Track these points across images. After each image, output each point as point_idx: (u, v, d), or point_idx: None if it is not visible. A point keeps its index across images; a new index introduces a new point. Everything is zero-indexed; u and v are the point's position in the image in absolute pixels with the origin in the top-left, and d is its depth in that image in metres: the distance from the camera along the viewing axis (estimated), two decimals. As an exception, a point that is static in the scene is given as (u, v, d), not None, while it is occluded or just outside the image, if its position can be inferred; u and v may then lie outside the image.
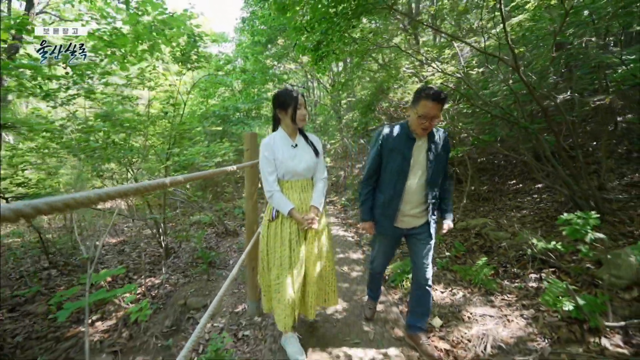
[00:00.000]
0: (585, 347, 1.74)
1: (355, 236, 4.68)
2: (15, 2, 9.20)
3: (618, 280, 2.20)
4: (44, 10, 7.84)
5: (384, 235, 1.95)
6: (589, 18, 2.94)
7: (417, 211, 1.83)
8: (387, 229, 1.90)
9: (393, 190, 1.81)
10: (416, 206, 1.82)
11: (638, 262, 2.17)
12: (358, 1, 2.90)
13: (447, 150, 1.84)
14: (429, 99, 1.59)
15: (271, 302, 1.89)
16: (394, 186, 1.80)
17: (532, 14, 2.94)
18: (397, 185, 1.79)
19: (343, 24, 3.07)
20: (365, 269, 3.43)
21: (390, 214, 1.85)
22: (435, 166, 1.77)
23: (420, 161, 1.77)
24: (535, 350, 1.83)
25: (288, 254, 1.78)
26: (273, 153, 1.79)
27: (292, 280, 1.75)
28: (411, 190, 1.79)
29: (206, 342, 2.14)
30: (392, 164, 1.79)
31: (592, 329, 1.81)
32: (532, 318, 2.12)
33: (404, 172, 1.76)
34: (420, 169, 1.78)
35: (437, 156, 1.78)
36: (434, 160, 1.76)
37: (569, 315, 1.94)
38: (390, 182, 1.81)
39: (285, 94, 1.80)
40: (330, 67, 9.94)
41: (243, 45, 12.04)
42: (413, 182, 1.79)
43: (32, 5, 6.86)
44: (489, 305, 2.42)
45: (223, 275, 3.30)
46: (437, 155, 1.77)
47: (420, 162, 1.77)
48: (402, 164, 1.76)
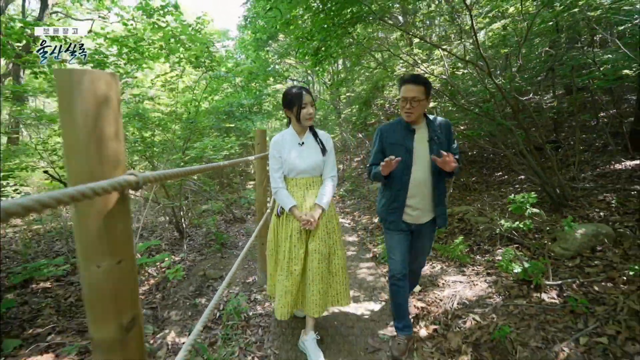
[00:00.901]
0: (528, 300, 2.20)
1: (351, 222, 5.14)
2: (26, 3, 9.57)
3: (566, 251, 2.66)
4: (55, 10, 8.20)
5: (393, 230, 1.91)
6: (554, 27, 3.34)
7: (424, 204, 1.83)
8: (396, 224, 1.88)
9: (399, 183, 1.80)
10: (423, 199, 1.82)
11: (580, 237, 2.62)
12: (352, 13, 3.32)
13: (450, 139, 1.83)
14: (405, 82, 1.70)
15: (274, 288, 1.99)
16: (400, 179, 1.79)
17: (502, 26, 3.34)
18: (403, 178, 1.79)
19: (340, 32, 3.49)
20: (359, 248, 3.89)
21: (397, 208, 1.84)
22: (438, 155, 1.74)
23: (423, 152, 1.77)
24: (490, 305, 2.30)
25: (289, 249, 1.82)
26: (280, 151, 1.84)
27: (289, 275, 1.82)
28: (417, 183, 1.79)
29: (225, 302, 2.60)
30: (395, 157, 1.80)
31: (536, 287, 2.27)
32: (493, 282, 2.58)
33: (408, 164, 1.77)
34: (424, 160, 1.78)
35: (440, 145, 1.77)
36: (437, 149, 1.74)
37: (519, 278, 2.40)
38: (395, 176, 1.80)
39: (290, 93, 1.80)
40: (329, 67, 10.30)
41: (245, 42, 12.40)
42: (418, 173, 1.78)
43: (46, 5, 7.23)
44: (460, 274, 2.88)
45: (234, 253, 3.76)
46: (439, 144, 1.77)
47: (424, 153, 1.77)
48: (405, 156, 1.75)
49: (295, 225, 1.82)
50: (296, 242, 1.82)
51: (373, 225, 4.68)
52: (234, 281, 3.03)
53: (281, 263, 1.85)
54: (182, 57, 3.98)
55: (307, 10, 3.19)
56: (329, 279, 1.90)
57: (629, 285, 2.07)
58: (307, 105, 1.78)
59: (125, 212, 0.62)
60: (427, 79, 1.77)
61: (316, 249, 1.82)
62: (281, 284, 1.84)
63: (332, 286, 1.91)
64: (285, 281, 1.82)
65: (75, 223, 0.60)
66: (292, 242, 1.82)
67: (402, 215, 1.85)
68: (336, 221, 1.95)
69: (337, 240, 1.91)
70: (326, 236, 1.86)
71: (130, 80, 4.03)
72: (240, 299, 2.53)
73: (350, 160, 10.29)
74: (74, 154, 0.56)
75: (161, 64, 4.36)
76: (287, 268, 1.82)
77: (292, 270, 1.81)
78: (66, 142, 0.56)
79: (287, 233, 1.84)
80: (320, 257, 1.82)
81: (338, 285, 1.91)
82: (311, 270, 1.82)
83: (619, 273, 2.21)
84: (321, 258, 1.82)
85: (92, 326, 0.62)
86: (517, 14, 3.30)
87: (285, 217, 1.86)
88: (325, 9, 3.07)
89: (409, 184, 1.78)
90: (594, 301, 2.02)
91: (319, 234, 1.83)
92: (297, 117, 1.79)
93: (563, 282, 2.24)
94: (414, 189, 1.79)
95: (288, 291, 1.81)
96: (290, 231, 1.83)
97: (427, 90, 1.70)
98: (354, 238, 4.32)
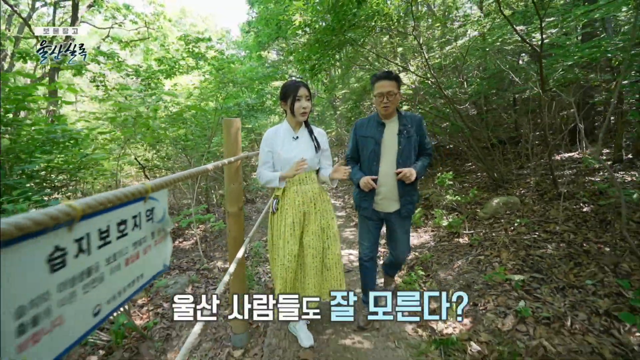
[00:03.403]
0: (449, 242, 3.37)
1: (342, 203, 6.32)
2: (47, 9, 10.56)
3: (485, 214, 3.82)
4: (83, 20, 9.22)
5: (365, 217, 2.04)
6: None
7: (391, 194, 1.92)
8: (367, 212, 2.00)
9: (369, 172, 1.91)
10: (391, 189, 1.91)
11: (495, 204, 3.79)
12: (339, 40, 4.44)
13: (420, 133, 1.92)
14: (379, 79, 1.82)
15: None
16: (369, 169, 1.92)
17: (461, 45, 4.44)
18: (372, 168, 1.91)
19: (331, 52, 4.60)
20: (345, 219, 5.05)
21: (368, 195, 1.96)
22: (406, 147, 1.86)
23: (391, 144, 1.88)
24: (427, 246, 3.46)
25: (282, 245, 1.83)
26: (271, 146, 1.82)
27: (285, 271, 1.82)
28: (384, 173, 1.89)
29: (250, 248, 3.77)
30: (366, 149, 1.93)
31: (457, 234, 3.44)
32: (433, 235, 3.75)
33: (377, 154, 1.89)
34: (392, 151, 1.88)
35: (409, 138, 1.87)
36: (405, 142, 1.86)
37: (448, 230, 3.57)
38: (366, 166, 1.94)
39: (287, 85, 1.80)
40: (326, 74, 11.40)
41: (249, 44, 13.44)
42: (386, 164, 1.89)
43: (76, 18, 8.24)
44: (415, 232, 4.04)
45: (250, 223, 4.93)
46: (408, 137, 1.86)
47: (392, 145, 1.87)
48: (375, 148, 1.88)
49: (288, 222, 1.82)
50: (289, 238, 1.81)
51: (359, 204, 5.87)
52: (254, 236, 4.20)
53: (277, 260, 1.87)
54: (206, 70, 5.09)
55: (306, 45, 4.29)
56: (324, 273, 1.91)
57: (510, 232, 3.23)
58: (301, 98, 1.76)
59: (239, 179, 1.77)
60: (397, 74, 1.93)
61: (310, 244, 1.84)
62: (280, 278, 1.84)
63: (327, 280, 1.91)
64: (279, 279, 1.83)
65: (226, 185, 1.74)
66: (285, 238, 1.82)
67: (372, 204, 1.96)
68: (331, 217, 1.95)
69: (331, 236, 1.92)
70: (320, 231, 1.87)
71: (168, 88, 5.15)
72: (259, 247, 3.69)
73: (345, 154, 11.42)
74: (228, 147, 1.70)
75: (188, 75, 5.47)
76: (282, 264, 1.82)
77: (286, 267, 1.81)
78: (226, 142, 1.70)
79: (281, 230, 1.84)
80: (314, 252, 1.83)
81: (333, 280, 1.91)
82: (306, 266, 1.84)
83: (510, 225, 3.38)
84: (315, 253, 1.84)
85: (229, 208, 1.78)
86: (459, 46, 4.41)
87: (280, 213, 1.86)
88: (318, 41, 4.18)
89: (378, 174, 1.90)
90: (486, 240, 3.19)
91: (312, 229, 1.85)
92: (292, 109, 1.78)
93: (473, 231, 3.41)
94: (382, 178, 1.90)
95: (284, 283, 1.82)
96: (284, 227, 1.83)
97: (398, 84, 1.84)
98: (342, 213, 5.49)
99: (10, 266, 0.37)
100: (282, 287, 1.80)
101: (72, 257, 0.46)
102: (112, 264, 0.56)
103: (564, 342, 1.76)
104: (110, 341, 1.91)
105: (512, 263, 2.68)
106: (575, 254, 2.57)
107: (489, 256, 2.90)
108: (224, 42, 16.74)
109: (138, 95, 4.72)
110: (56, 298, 0.43)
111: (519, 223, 3.29)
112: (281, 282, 1.80)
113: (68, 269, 0.45)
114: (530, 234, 3.09)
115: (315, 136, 1.90)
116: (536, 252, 2.75)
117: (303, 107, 1.77)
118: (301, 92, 1.76)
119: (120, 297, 0.58)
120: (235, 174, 1.80)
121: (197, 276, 2.98)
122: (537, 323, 1.95)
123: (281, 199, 1.86)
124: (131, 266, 0.61)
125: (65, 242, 0.45)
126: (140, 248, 0.64)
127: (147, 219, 0.67)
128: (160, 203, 0.71)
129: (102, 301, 0.53)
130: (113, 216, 0.55)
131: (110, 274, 0.55)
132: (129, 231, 0.60)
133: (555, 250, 2.70)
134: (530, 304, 2.11)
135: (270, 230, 1.95)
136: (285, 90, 1.79)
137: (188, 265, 3.26)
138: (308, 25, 4.19)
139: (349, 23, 3.68)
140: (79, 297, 0.47)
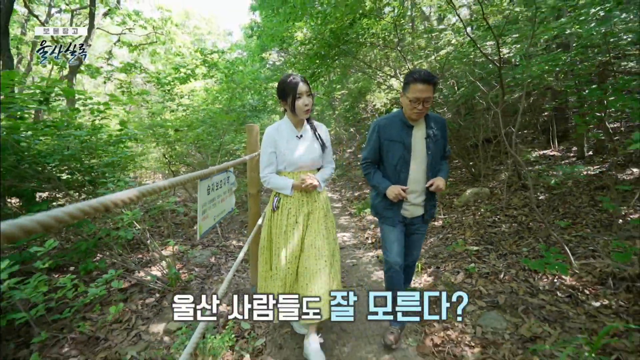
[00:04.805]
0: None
1: (339, 197, 6.97)
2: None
3: (460, 203, 4.48)
4: (99, 27, 9.86)
5: (391, 225, 1.87)
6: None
7: (420, 200, 1.82)
8: (393, 221, 1.85)
9: (397, 180, 1.78)
10: (419, 195, 1.81)
11: (469, 194, 4.44)
12: (335, 52, 5.09)
13: (444, 136, 1.83)
14: (418, 82, 1.60)
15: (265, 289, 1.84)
16: (397, 176, 1.78)
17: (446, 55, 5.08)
18: (401, 174, 1.77)
19: (329, 62, 5.25)
20: (341, 210, 5.69)
21: (394, 207, 1.82)
22: (434, 152, 1.77)
23: (420, 148, 1.76)
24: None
25: (284, 245, 1.74)
26: (274, 144, 1.72)
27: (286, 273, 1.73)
28: (413, 179, 1.77)
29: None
30: (393, 154, 1.77)
31: (434, 219, 4.09)
32: (415, 220, 4.40)
33: (407, 161, 1.75)
34: (421, 156, 1.77)
35: (436, 142, 1.78)
36: (433, 146, 1.76)
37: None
38: (394, 173, 1.79)
39: (284, 82, 1.68)
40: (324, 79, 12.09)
41: (252, 46, 14.10)
42: (415, 170, 1.77)
43: (93, 26, 8.87)
44: (400, 219, 4.70)
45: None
46: (436, 141, 1.77)
47: (420, 150, 1.76)
48: (404, 153, 1.75)
49: (291, 221, 1.74)
50: (290, 238, 1.73)
51: (353, 197, 6.50)
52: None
53: (275, 261, 1.77)
54: (217, 76, 5.74)
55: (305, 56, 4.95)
56: (331, 273, 1.75)
57: (477, 216, 3.89)
58: (302, 95, 1.66)
59: (257, 169, 2.43)
60: (436, 75, 1.74)
61: (312, 244, 1.73)
62: (274, 282, 1.75)
63: (332, 280, 1.75)
64: (278, 281, 1.73)
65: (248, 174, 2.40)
66: (287, 237, 1.73)
67: (400, 211, 1.82)
68: (331, 220, 1.88)
69: (335, 238, 1.87)
70: (325, 231, 1.78)
71: (179, 91, 5.79)
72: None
73: (343, 152, 12.07)
74: (250, 146, 2.36)
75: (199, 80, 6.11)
76: (281, 266, 1.72)
77: (287, 268, 1.72)
78: (248, 142, 2.36)
79: (282, 229, 1.74)
80: (317, 253, 1.72)
81: (334, 281, 1.77)
82: (308, 268, 1.71)
83: (477, 211, 4.03)
84: (318, 254, 1.72)
85: (250, 190, 2.44)
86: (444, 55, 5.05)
87: (281, 212, 1.76)
88: (317, 53, 4.83)
89: (407, 181, 1.77)
90: (456, 222, 3.85)
91: (316, 228, 1.76)
92: (292, 108, 1.68)
93: (447, 216, 4.07)
94: (411, 185, 1.77)
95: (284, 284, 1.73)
96: (286, 227, 1.74)
97: (435, 88, 1.68)
98: (339, 204, 6.15)
99: (201, 190, 1.01)
100: (282, 288, 1.72)
101: (212, 190, 1.11)
102: (217, 199, 1.23)
103: (495, 287, 2.42)
104: (163, 288, 2.58)
105: (472, 239, 3.33)
106: (521, 231, 3.23)
107: (455, 234, 3.56)
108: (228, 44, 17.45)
109: (157, 100, 5.37)
110: (209, 204, 1.08)
111: (485, 209, 3.95)
112: (281, 283, 1.72)
113: (210, 195, 1.10)
114: (492, 217, 3.74)
115: (319, 134, 1.83)
116: (492, 230, 3.41)
117: (305, 105, 1.67)
118: (301, 88, 1.65)
119: (218, 217, 1.25)
120: (255, 165, 2.45)
121: (218, 250, 3.63)
122: (479, 277, 2.60)
123: (283, 197, 1.77)
124: (222, 203, 1.28)
125: (211, 183, 1.09)
126: (224, 195, 1.31)
127: (226, 182, 1.33)
128: (231, 175, 1.37)
129: (216, 214, 1.18)
130: (217, 179, 1.21)
131: (218, 203, 1.21)
132: (222, 185, 1.26)
133: (508, 228, 3.36)
134: (478, 266, 2.77)
135: (267, 228, 1.82)
136: (283, 88, 1.68)
137: (209, 243, 3.91)
138: (309, 42, 4.85)
139: (343, 40, 4.33)
140: (212, 207, 1.12)
